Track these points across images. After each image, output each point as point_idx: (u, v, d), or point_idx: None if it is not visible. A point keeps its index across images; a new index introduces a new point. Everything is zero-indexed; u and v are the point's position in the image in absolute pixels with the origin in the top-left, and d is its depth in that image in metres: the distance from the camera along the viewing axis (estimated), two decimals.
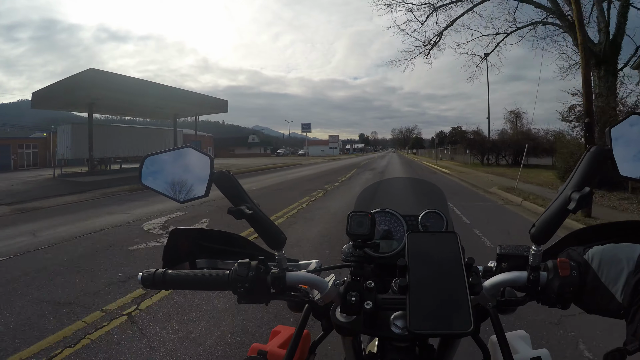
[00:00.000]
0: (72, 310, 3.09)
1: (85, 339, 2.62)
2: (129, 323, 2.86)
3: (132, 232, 5.98)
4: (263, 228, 0.65)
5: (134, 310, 3.07)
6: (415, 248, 0.61)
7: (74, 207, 8.94)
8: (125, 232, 6.00)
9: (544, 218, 0.60)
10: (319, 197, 10.03)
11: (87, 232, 6.01)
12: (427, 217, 0.89)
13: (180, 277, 0.67)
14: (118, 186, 12.99)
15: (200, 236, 0.82)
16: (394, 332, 0.59)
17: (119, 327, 2.79)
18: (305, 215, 7.28)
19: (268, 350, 0.79)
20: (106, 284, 3.66)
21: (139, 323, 2.86)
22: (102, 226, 6.45)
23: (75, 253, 4.81)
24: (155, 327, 2.80)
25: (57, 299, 3.31)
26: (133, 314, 3.00)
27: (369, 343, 0.87)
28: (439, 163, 31.31)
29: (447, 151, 44.07)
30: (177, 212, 7.61)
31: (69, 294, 3.41)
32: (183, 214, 7.49)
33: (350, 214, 0.67)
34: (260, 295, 0.64)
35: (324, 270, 0.73)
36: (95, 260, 4.49)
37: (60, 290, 3.53)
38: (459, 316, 0.52)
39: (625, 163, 0.58)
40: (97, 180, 14.89)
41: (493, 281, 0.62)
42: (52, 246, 5.19)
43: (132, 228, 6.28)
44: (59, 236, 5.79)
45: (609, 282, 0.54)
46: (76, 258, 4.58)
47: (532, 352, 0.75)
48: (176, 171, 0.67)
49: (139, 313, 3.03)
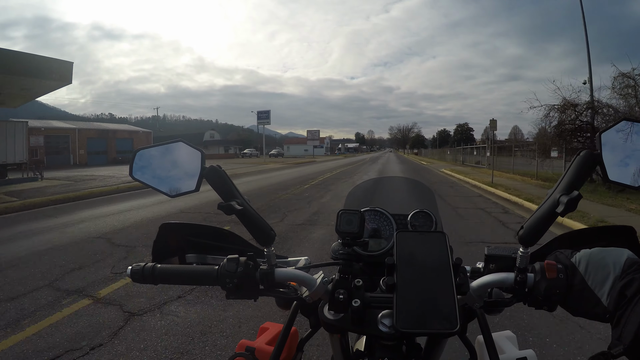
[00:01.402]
0: None
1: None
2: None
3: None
4: (253, 224, 0.65)
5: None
6: (403, 247, 0.61)
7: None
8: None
9: (532, 220, 0.60)
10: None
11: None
12: (416, 217, 0.90)
13: (169, 272, 0.66)
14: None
15: (190, 231, 0.82)
16: (381, 330, 0.59)
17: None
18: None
19: (256, 347, 0.79)
20: None
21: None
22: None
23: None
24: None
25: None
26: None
27: (357, 341, 0.88)
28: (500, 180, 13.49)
29: (473, 152, 30.11)
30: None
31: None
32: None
33: (340, 211, 0.67)
34: (248, 291, 0.64)
35: (313, 267, 0.73)
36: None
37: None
38: (445, 316, 0.52)
39: (614, 168, 0.58)
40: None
41: (480, 282, 0.62)
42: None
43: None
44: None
45: (596, 285, 0.54)
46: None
47: (518, 352, 0.76)
48: (167, 165, 0.67)
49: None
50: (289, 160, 44.92)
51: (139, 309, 3.01)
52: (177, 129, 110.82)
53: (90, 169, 24.00)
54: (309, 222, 6.48)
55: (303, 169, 24.05)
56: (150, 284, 0.68)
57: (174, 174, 0.66)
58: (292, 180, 15.33)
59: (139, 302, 3.13)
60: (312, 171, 21.78)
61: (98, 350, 2.41)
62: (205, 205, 8.11)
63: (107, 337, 2.57)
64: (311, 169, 24.86)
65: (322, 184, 13.56)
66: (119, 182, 13.56)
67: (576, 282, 0.56)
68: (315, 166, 28.86)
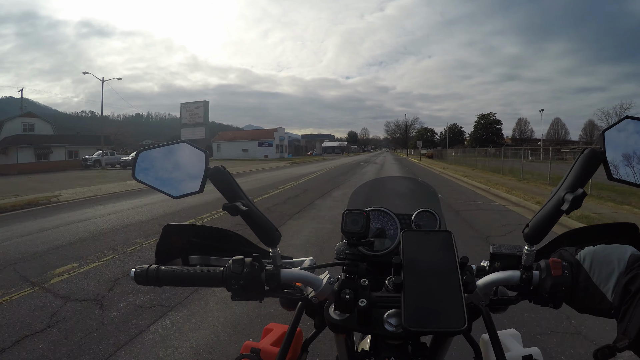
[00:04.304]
0: None
1: None
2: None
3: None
4: (258, 225, 0.65)
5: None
6: (410, 246, 0.61)
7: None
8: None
9: (538, 218, 0.60)
10: None
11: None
12: (420, 216, 0.90)
13: (173, 274, 0.66)
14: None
15: (193, 232, 0.81)
16: (387, 329, 0.59)
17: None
18: None
19: (261, 348, 0.79)
20: None
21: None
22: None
23: None
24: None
25: None
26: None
27: (362, 341, 0.88)
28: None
29: (528, 156, 21.67)
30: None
31: None
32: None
33: (345, 212, 0.67)
34: (254, 292, 0.64)
35: (318, 267, 0.73)
36: None
37: None
38: (452, 314, 0.52)
39: (618, 165, 0.59)
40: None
41: (486, 280, 0.62)
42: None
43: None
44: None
45: (600, 282, 0.55)
46: None
47: (523, 350, 0.76)
48: (170, 166, 0.67)
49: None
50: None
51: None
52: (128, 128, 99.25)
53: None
54: None
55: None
56: (155, 286, 0.67)
57: (178, 175, 0.66)
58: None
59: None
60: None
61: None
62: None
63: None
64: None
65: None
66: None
67: (581, 278, 0.56)
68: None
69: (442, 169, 23.96)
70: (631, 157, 0.59)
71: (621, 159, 0.59)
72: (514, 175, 16.29)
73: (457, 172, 19.83)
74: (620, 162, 0.59)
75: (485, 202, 9.38)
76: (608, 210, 7.72)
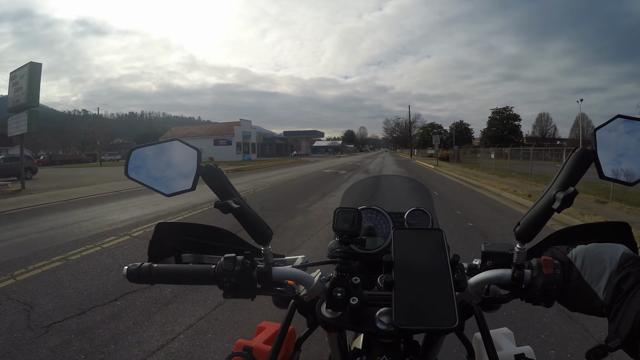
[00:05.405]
0: None
1: None
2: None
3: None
4: (250, 223, 0.65)
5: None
6: (401, 245, 0.61)
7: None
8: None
9: (529, 217, 0.60)
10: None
11: None
12: (412, 215, 0.90)
13: (166, 272, 0.66)
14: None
15: (186, 231, 0.81)
16: (379, 328, 0.59)
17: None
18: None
19: (253, 346, 0.79)
20: None
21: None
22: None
23: None
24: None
25: None
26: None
27: (354, 339, 0.88)
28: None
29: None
30: None
31: None
32: None
33: (337, 209, 0.66)
34: (246, 290, 0.63)
35: (310, 265, 0.73)
36: None
37: None
38: (443, 312, 0.52)
39: (609, 164, 0.59)
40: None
41: (478, 278, 0.62)
42: None
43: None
44: None
45: (592, 280, 0.55)
46: None
47: (516, 349, 0.76)
48: (162, 164, 0.67)
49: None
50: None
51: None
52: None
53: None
54: None
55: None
56: (147, 284, 0.67)
57: (170, 173, 0.66)
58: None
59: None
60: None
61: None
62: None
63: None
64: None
65: None
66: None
67: (573, 277, 0.56)
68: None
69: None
70: (622, 155, 0.59)
71: (612, 157, 0.59)
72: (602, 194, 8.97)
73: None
74: (611, 161, 0.59)
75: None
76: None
